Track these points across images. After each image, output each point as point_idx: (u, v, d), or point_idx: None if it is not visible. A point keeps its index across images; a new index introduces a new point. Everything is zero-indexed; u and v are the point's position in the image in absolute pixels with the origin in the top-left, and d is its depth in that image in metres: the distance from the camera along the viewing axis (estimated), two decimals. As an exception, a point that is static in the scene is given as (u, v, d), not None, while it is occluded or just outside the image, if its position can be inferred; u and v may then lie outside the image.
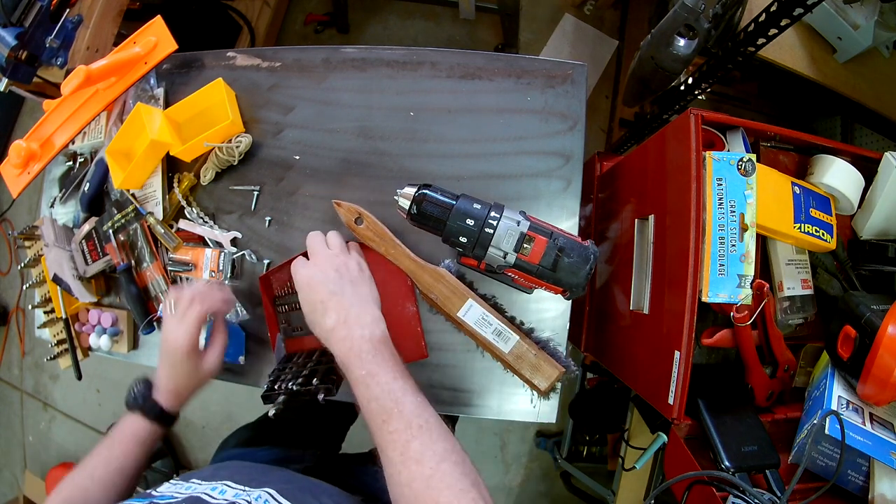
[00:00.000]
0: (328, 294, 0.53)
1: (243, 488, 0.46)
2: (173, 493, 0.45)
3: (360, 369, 0.47)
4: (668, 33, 0.79)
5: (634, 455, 0.83)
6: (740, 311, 0.58)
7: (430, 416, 0.44)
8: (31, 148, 0.77)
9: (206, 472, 0.51)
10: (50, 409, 2.00)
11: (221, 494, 0.44)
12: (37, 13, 0.85)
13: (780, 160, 0.68)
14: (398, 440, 0.42)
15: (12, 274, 2.03)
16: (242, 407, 0.80)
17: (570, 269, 0.54)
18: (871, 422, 0.57)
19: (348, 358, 0.48)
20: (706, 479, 0.54)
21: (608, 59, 1.66)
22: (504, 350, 0.61)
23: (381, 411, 0.44)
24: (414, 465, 0.41)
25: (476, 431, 1.66)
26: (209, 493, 0.44)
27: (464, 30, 1.76)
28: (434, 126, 0.69)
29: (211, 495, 0.44)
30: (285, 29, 1.83)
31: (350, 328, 0.50)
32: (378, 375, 0.46)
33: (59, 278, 0.77)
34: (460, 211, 0.55)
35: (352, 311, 0.52)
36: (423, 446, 0.42)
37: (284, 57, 0.74)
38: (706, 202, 0.57)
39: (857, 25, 0.86)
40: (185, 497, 0.43)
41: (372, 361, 0.47)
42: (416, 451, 0.42)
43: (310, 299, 0.54)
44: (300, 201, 0.71)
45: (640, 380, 0.70)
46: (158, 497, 0.44)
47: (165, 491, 0.46)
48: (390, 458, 0.42)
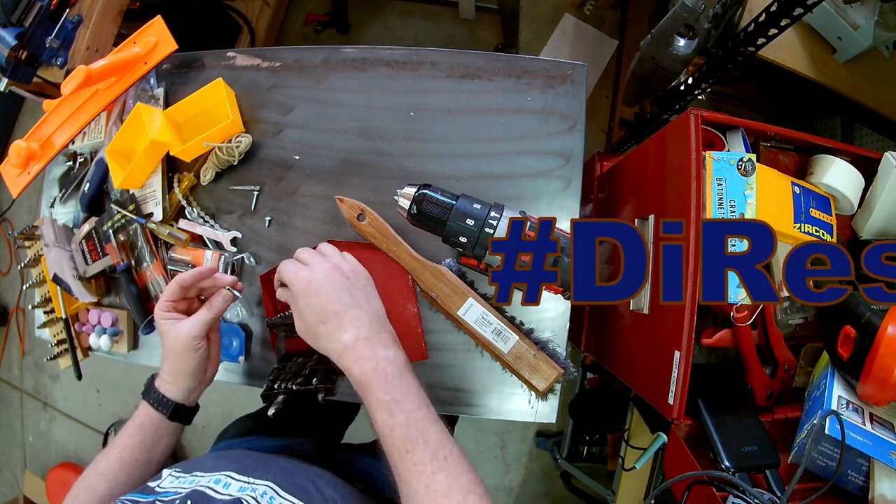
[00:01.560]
0: (342, 305, 0.49)
1: (247, 480, 0.45)
2: (176, 487, 0.45)
3: (385, 394, 0.44)
4: (668, 33, 0.79)
5: (634, 455, 0.83)
6: (740, 311, 0.58)
7: (454, 447, 0.43)
8: (31, 148, 0.77)
9: (208, 461, 0.51)
10: (50, 409, 2.00)
11: (226, 488, 0.44)
12: (37, 13, 0.85)
13: (780, 160, 0.68)
14: (424, 472, 0.41)
15: (12, 274, 2.03)
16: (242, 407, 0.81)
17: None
18: (871, 422, 0.57)
19: (370, 380, 0.45)
20: (706, 479, 0.54)
21: (608, 59, 1.66)
22: (503, 350, 0.61)
23: (406, 440, 0.42)
24: (441, 499, 0.40)
25: (476, 431, 1.66)
26: (213, 486, 0.44)
27: (464, 30, 1.76)
28: (434, 126, 0.69)
29: (215, 489, 0.44)
30: (285, 29, 1.83)
31: (374, 347, 0.47)
32: (404, 402, 0.44)
33: (59, 278, 0.77)
34: (460, 211, 0.55)
35: (372, 327, 0.49)
36: (450, 479, 0.41)
37: (284, 57, 0.74)
38: (706, 202, 0.57)
39: (857, 25, 0.86)
40: (189, 491, 0.43)
41: (398, 387, 0.45)
42: (442, 483, 0.41)
43: (316, 308, 0.49)
44: (300, 201, 0.71)
45: (640, 380, 0.70)
46: (162, 493, 0.44)
47: (168, 486, 0.46)
48: (415, 489, 0.41)
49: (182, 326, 0.54)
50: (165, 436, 0.57)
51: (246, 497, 0.43)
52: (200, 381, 0.58)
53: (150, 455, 0.57)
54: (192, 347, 0.55)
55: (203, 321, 0.55)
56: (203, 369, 0.57)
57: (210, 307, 0.56)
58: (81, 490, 0.54)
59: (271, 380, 0.61)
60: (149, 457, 0.57)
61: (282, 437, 0.73)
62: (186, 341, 0.54)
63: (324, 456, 0.71)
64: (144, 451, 0.56)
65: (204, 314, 0.56)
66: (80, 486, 0.55)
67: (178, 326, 0.55)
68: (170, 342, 0.55)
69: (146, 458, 0.56)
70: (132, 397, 1.88)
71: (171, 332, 0.55)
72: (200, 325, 0.55)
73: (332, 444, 0.86)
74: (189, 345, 0.54)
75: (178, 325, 0.55)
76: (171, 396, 0.56)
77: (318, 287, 0.50)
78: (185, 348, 0.54)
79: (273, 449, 0.67)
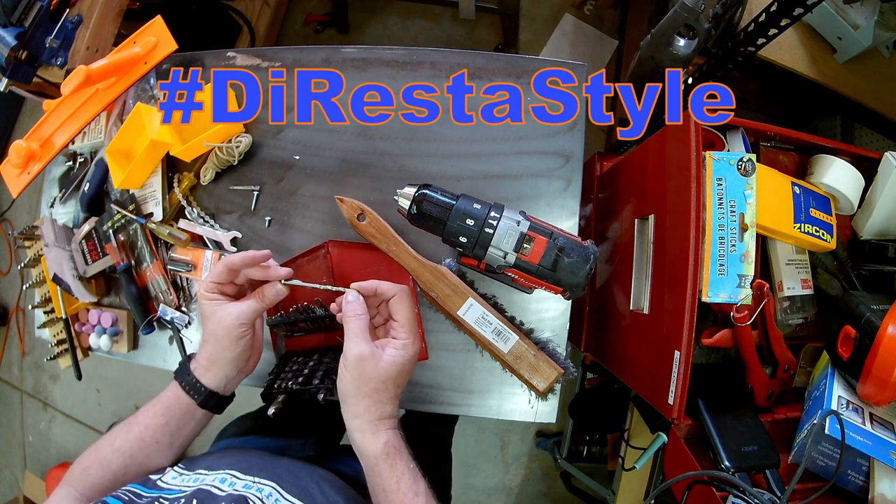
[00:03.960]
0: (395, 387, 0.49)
1: (252, 480, 0.45)
2: (181, 486, 0.45)
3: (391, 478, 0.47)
4: (668, 33, 0.79)
5: (634, 455, 0.83)
6: (740, 311, 0.58)
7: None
8: (31, 148, 0.77)
9: (211, 460, 0.50)
10: (50, 409, 2.01)
11: (231, 486, 0.44)
12: (37, 13, 0.85)
13: (780, 160, 0.68)
14: None
15: (12, 274, 2.03)
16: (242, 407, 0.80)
17: (570, 269, 0.54)
18: (871, 422, 0.57)
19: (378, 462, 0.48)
20: (706, 479, 0.54)
21: (608, 59, 1.66)
22: (503, 350, 0.61)
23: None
24: None
25: (476, 431, 1.66)
26: (217, 484, 0.44)
27: (464, 30, 1.76)
28: (434, 126, 0.69)
29: (220, 487, 0.44)
30: (285, 29, 1.83)
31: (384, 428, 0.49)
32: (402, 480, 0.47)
33: (59, 278, 0.77)
34: (460, 211, 0.55)
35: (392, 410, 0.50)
36: None
37: (284, 57, 0.74)
38: (706, 202, 0.57)
39: (857, 25, 0.86)
40: (195, 490, 0.43)
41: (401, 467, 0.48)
42: None
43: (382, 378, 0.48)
44: (300, 201, 0.71)
45: (640, 380, 0.70)
46: (167, 491, 0.44)
47: (172, 483, 0.46)
48: None
49: (230, 309, 0.51)
50: (192, 422, 0.54)
51: (251, 495, 0.43)
52: (240, 371, 0.54)
53: (173, 440, 0.53)
54: (238, 335, 0.51)
55: (253, 309, 0.52)
56: (245, 358, 0.54)
57: (262, 297, 0.52)
58: (93, 464, 0.52)
59: (271, 379, 0.61)
60: (171, 441, 0.53)
61: (282, 437, 0.73)
62: (232, 327, 0.50)
63: (325, 458, 0.71)
64: (167, 435, 0.53)
65: (254, 303, 0.52)
66: (92, 458, 0.52)
67: (224, 308, 0.51)
68: (213, 325, 0.51)
69: (168, 441, 0.53)
70: (132, 397, 1.88)
71: (215, 315, 0.51)
72: (250, 313, 0.51)
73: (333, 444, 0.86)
74: (235, 331, 0.51)
75: (224, 308, 0.51)
76: (205, 382, 0.53)
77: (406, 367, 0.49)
78: (230, 334, 0.51)
79: (274, 449, 0.67)
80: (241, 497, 0.42)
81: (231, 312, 0.51)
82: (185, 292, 0.75)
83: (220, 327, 0.51)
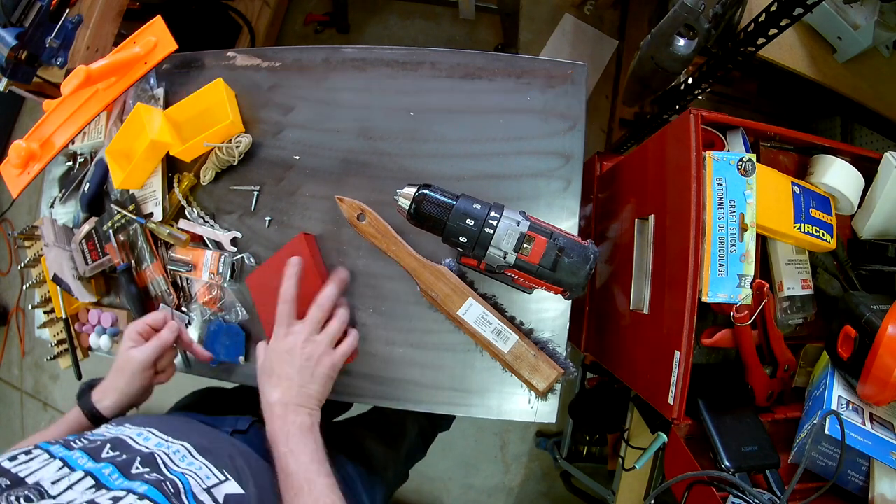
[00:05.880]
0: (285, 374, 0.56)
1: (166, 438, 0.49)
2: (103, 432, 0.49)
3: (285, 447, 0.52)
4: (668, 33, 0.79)
5: (634, 455, 0.83)
6: (740, 311, 0.58)
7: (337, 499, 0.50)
8: (31, 148, 0.77)
9: (140, 419, 0.54)
10: (50, 409, 2.00)
11: (145, 441, 0.48)
12: (37, 13, 0.85)
13: (780, 160, 0.68)
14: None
15: (12, 274, 2.03)
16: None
17: (570, 269, 0.54)
18: (871, 422, 0.57)
19: (277, 436, 0.54)
20: (706, 479, 0.54)
21: (608, 59, 1.66)
22: (503, 350, 0.61)
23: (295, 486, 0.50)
24: None
25: (476, 431, 1.66)
26: (134, 437, 0.48)
27: (464, 30, 1.76)
28: (434, 126, 0.69)
29: (135, 440, 0.48)
30: (285, 29, 1.83)
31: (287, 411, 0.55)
32: (299, 455, 0.52)
33: (59, 278, 0.77)
34: (460, 211, 0.55)
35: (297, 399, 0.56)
36: None
37: (284, 57, 0.74)
38: (706, 202, 0.57)
39: (857, 25, 0.86)
40: (112, 437, 0.47)
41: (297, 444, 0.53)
42: None
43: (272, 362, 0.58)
44: (300, 201, 0.71)
45: (640, 380, 0.70)
46: (91, 435, 0.48)
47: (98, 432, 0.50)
48: None
49: (135, 353, 0.61)
50: None
51: (160, 452, 0.46)
52: (133, 404, 0.63)
53: None
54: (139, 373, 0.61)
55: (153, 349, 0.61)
56: (140, 393, 0.62)
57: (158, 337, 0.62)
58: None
59: None
60: None
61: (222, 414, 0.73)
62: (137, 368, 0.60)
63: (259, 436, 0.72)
64: None
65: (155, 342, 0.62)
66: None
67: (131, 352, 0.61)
68: (121, 362, 0.61)
69: None
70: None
71: (127, 354, 0.61)
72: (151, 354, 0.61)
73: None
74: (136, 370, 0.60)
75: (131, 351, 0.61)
76: (100, 409, 0.60)
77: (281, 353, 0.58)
78: (133, 372, 0.60)
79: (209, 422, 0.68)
80: (150, 454, 0.45)
81: (135, 357, 0.60)
82: (185, 292, 0.75)
83: (126, 364, 0.60)
